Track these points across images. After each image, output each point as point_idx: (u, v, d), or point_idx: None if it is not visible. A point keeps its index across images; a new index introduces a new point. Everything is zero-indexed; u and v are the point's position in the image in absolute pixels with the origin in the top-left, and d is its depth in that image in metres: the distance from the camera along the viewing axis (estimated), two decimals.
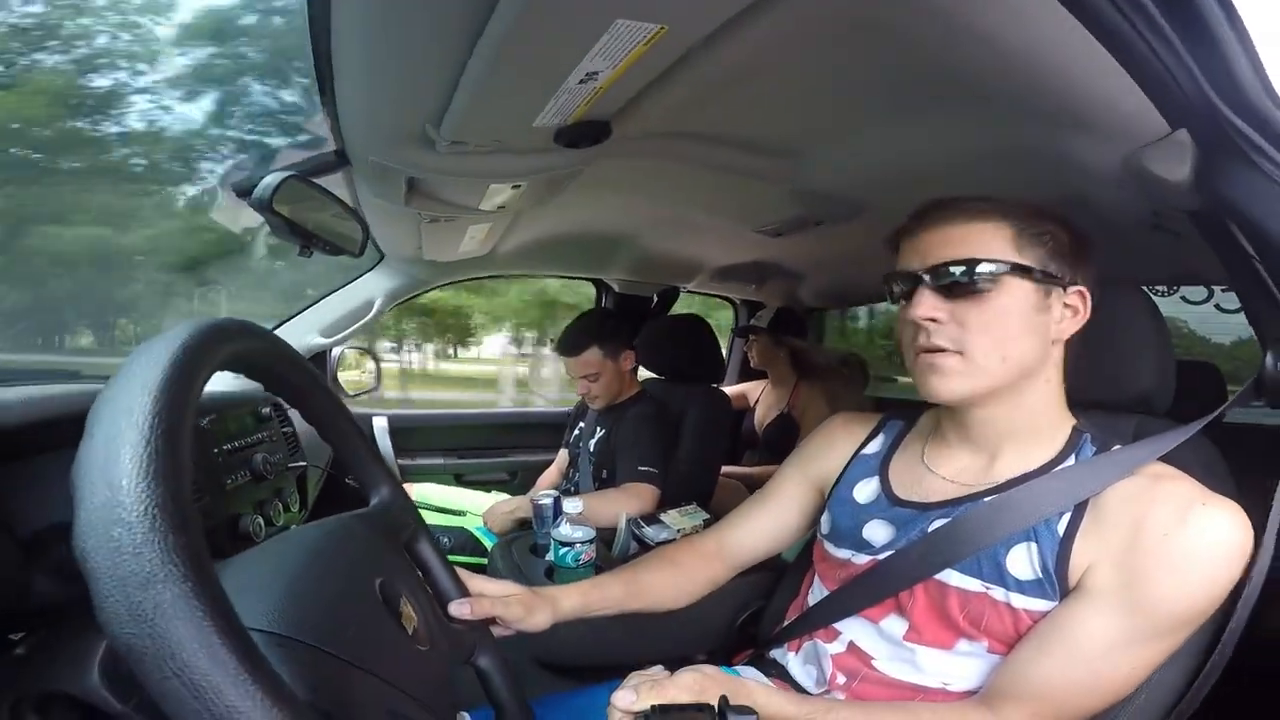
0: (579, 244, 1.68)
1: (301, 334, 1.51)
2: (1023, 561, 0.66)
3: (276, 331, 1.48)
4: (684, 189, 1.23)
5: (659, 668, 0.62)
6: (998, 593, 0.67)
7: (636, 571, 0.87)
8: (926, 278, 0.69)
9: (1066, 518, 0.66)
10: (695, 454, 1.71)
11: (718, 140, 0.96)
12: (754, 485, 1.96)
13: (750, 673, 0.85)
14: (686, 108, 0.80)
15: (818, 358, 2.21)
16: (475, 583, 0.69)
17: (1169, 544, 0.60)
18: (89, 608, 0.28)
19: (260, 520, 0.79)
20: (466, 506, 1.69)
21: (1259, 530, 0.62)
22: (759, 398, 2.37)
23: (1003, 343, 0.67)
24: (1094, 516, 0.65)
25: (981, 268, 0.66)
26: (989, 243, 0.68)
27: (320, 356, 1.55)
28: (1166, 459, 0.67)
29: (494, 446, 2.30)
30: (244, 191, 0.87)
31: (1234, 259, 0.82)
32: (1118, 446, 0.70)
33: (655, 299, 2.16)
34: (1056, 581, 0.64)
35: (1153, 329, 0.82)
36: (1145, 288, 0.91)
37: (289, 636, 0.39)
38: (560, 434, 2.30)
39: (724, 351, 2.06)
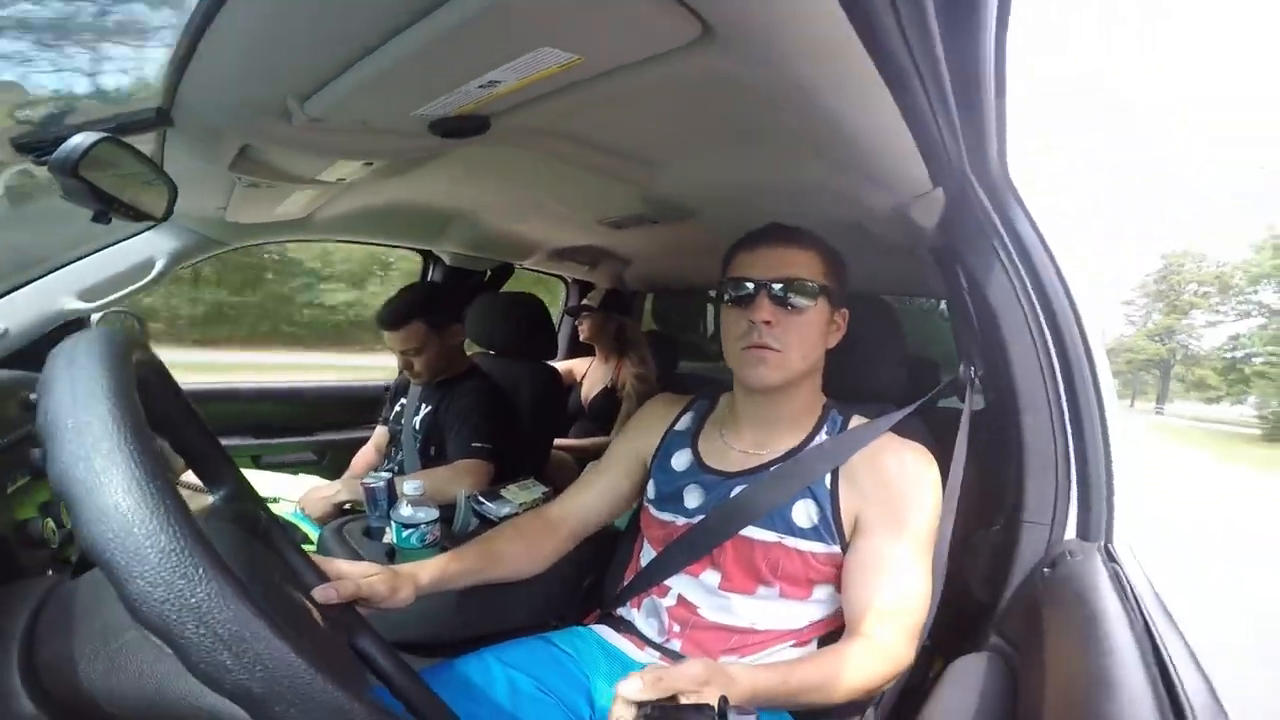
0: (412, 214, 1.59)
1: (52, 298, 1.21)
2: (803, 514, 0.86)
3: (13, 295, 1.18)
4: (541, 178, 1.25)
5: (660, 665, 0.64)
6: (789, 541, 0.86)
7: (490, 543, 0.91)
8: (774, 287, 0.84)
9: (829, 478, 0.86)
10: (530, 429, 1.76)
11: (585, 142, 1.01)
12: (582, 457, 2.09)
13: (603, 630, 0.96)
14: (565, 114, 0.84)
15: (632, 335, 2.39)
16: (334, 565, 0.68)
17: (901, 478, 0.84)
18: None
19: (51, 523, 0.67)
20: (277, 493, 1.53)
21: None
22: (585, 373, 2.48)
23: (808, 347, 0.86)
24: (847, 475, 0.86)
25: (810, 286, 0.84)
26: (814, 267, 0.86)
27: (77, 324, 1.27)
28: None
29: (298, 425, 2.08)
30: (26, 148, 0.69)
31: (954, 289, 1.13)
32: (856, 416, 0.93)
33: (488, 274, 2.12)
34: (833, 527, 0.85)
35: (890, 333, 1.08)
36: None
37: None
38: (372, 409, 2.17)
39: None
